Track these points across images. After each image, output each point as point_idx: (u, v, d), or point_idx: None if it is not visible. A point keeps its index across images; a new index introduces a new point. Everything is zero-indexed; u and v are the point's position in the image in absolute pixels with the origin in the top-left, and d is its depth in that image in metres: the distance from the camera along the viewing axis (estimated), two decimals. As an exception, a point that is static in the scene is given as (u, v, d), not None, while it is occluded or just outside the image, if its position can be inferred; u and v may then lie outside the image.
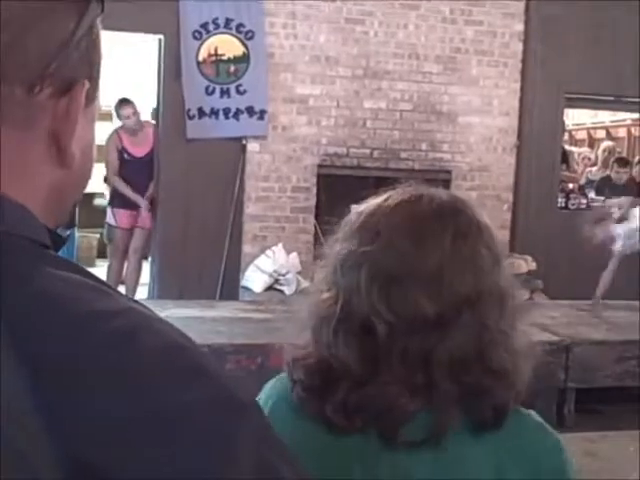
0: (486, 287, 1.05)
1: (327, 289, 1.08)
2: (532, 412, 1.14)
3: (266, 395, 1.18)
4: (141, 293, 7.14)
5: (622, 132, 10.68)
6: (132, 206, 6.89)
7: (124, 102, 6.92)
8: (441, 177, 7.33)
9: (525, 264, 7.13)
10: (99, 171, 6.97)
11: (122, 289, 7.16)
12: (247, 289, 6.71)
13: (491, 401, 1.04)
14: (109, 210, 7.16)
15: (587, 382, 5.15)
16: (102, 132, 7.99)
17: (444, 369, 1.02)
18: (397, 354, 1.02)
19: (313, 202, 7.12)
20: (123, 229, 7.00)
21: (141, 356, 0.55)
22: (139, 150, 6.99)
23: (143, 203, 6.84)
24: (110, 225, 7.19)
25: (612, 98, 8.11)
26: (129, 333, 0.55)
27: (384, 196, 1.13)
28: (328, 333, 1.05)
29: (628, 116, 10.24)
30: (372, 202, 1.13)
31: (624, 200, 7.27)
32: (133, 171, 6.89)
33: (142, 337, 0.56)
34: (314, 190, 7.14)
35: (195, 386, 0.55)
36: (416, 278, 1.03)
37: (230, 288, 6.78)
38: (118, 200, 6.97)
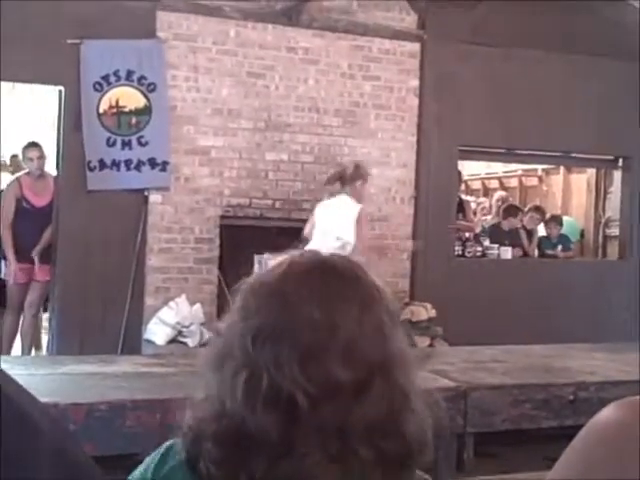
0: (393, 351, 1.10)
1: (241, 363, 1.07)
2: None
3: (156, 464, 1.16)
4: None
5: (514, 182, 11.11)
6: (26, 259, 6.75)
7: (32, 145, 6.89)
8: (343, 227, 7.49)
9: (425, 311, 7.30)
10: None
11: (18, 344, 6.99)
12: (150, 342, 6.63)
13: (408, 465, 1.08)
14: (2, 264, 6.99)
15: (485, 426, 5.26)
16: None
17: (361, 435, 1.04)
18: (315, 424, 1.03)
19: (216, 253, 7.13)
20: (18, 284, 6.84)
21: None
22: (40, 200, 6.89)
23: (35, 255, 6.74)
24: (2, 280, 7.02)
25: (503, 150, 8.49)
26: None
27: (283, 264, 1.14)
28: (250, 407, 1.04)
29: (519, 167, 10.71)
30: (274, 269, 1.14)
31: None
32: (29, 221, 6.77)
33: None
34: (217, 241, 7.16)
35: None
36: (331, 349, 1.05)
37: (132, 341, 6.68)
38: (11, 253, 6.82)
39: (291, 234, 7.08)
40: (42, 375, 4.83)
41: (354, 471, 1.04)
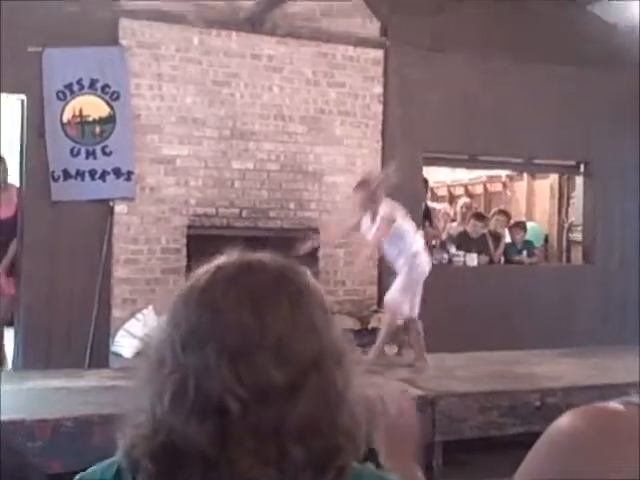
0: (326, 347, 1.08)
1: (170, 371, 1.05)
2: (367, 465, 1.17)
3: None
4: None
5: (479, 189, 11.20)
6: None
7: None
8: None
9: (393, 319, 7.30)
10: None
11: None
12: (117, 355, 6.55)
13: (337, 462, 1.06)
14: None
15: (453, 434, 5.30)
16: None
17: (295, 436, 1.03)
18: (249, 429, 1.01)
19: (183, 263, 7.08)
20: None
21: None
22: (3, 212, 6.79)
23: (2, 270, 6.63)
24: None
25: (467, 157, 8.55)
26: None
27: (213, 267, 1.13)
28: (180, 416, 1.03)
29: (484, 173, 10.80)
30: (202, 275, 1.12)
31: None
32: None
33: None
34: (184, 251, 7.11)
35: None
36: (262, 349, 1.04)
37: (100, 354, 6.60)
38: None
39: (258, 243, 7.07)
40: (7, 391, 4.76)
41: (287, 472, 1.02)
